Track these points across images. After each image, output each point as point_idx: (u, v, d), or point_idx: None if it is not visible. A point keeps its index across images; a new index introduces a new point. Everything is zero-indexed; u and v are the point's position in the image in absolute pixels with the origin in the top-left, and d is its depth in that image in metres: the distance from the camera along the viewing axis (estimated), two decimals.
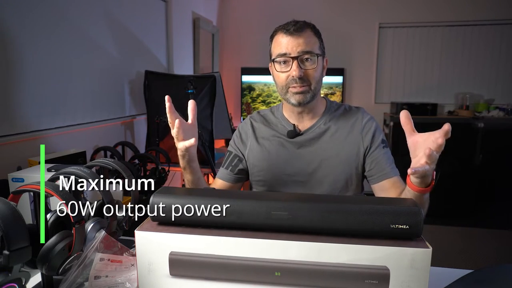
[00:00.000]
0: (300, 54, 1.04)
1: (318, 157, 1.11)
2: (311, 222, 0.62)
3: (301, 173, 1.12)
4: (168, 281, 0.65)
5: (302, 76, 1.05)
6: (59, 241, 0.69)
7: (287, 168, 1.13)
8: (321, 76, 1.10)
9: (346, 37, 4.13)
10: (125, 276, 0.74)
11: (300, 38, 1.05)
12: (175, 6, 3.04)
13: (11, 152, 1.51)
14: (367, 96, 4.22)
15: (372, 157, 1.11)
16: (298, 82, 1.05)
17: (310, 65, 1.06)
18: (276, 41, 1.09)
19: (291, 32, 1.05)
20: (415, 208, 0.61)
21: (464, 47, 3.98)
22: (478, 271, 0.78)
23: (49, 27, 1.71)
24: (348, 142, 1.11)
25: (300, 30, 1.05)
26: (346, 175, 1.10)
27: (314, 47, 1.07)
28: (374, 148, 1.11)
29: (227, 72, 4.44)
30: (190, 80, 2.37)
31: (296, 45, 1.05)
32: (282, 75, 1.08)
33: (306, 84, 1.06)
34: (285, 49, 1.05)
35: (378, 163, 1.10)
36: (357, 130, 1.12)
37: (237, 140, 1.23)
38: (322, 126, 1.14)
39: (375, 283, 0.59)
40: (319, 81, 1.09)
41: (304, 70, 1.05)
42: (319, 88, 1.11)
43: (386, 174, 1.09)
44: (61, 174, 0.81)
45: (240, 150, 1.21)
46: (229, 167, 1.21)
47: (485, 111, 3.82)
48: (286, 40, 1.06)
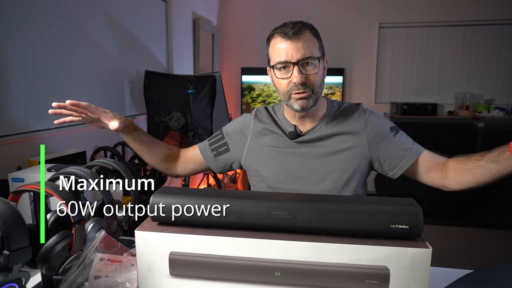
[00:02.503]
0: (301, 59, 1.01)
1: (320, 153, 1.11)
2: (311, 222, 0.62)
3: (303, 168, 1.11)
4: (168, 281, 0.65)
5: (304, 82, 1.02)
6: (59, 241, 0.69)
7: (289, 164, 1.12)
8: (322, 79, 1.08)
9: (346, 37, 4.13)
10: (125, 276, 0.74)
11: (299, 42, 1.01)
12: (175, 6, 3.04)
13: (11, 152, 1.51)
14: (367, 96, 4.22)
15: (386, 151, 1.09)
16: (300, 88, 1.03)
17: (312, 70, 1.03)
18: (274, 46, 1.05)
19: (289, 36, 1.01)
20: (415, 208, 0.61)
21: (464, 47, 3.98)
22: (478, 271, 0.78)
23: (50, 27, 1.71)
24: (351, 140, 1.10)
25: (298, 33, 1.01)
26: (349, 173, 1.09)
27: (314, 50, 1.03)
28: (386, 142, 1.09)
29: (227, 72, 4.44)
30: (190, 80, 2.37)
31: (296, 50, 1.01)
32: (283, 81, 1.05)
33: (309, 89, 1.04)
34: (285, 56, 1.02)
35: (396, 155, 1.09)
36: (360, 127, 1.11)
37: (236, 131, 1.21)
38: (323, 128, 1.12)
39: (375, 283, 0.59)
40: (320, 84, 1.07)
41: (306, 75, 1.03)
42: (321, 91, 1.08)
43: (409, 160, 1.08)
44: (61, 174, 0.81)
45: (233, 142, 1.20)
46: (214, 150, 1.21)
47: (485, 111, 3.82)
48: (285, 46, 1.02)
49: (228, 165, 1.23)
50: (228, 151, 1.20)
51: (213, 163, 1.22)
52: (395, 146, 1.09)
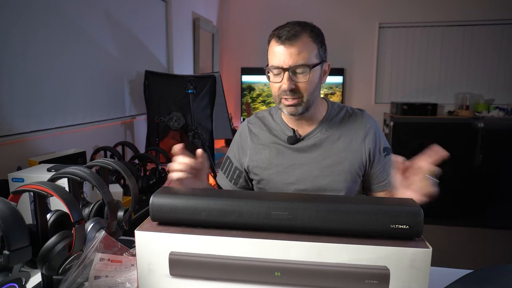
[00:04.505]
0: (292, 66, 0.98)
1: (319, 165, 1.09)
2: (311, 222, 0.62)
3: (303, 181, 1.09)
4: (168, 281, 0.65)
5: (293, 89, 0.99)
6: (59, 241, 0.69)
7: (288, 177, 1.10)
8: (316, 86, 1.04)
9: (346, 37, 4.13)
10: (125, 276, 0.74)
11: (292, 48, 0.97)
12: (175, 6, 3.04)
13: (11, 152, 1.51)
14: (367, 96, 4.22)
15: (372, 169, 1.11)
16: (289, 94, 1.00)
17: (302, 78, 0.99)
18: (270, 49, 1.03)
19: (283, 41, 0.97)
20: (415, 208, 0.61)
21: (464, 47, 3.98)
22: (478, 271, 0.78)
23: (50, 27, 1.71)
24: (351, 150, 1.09)
25: (293, 38, 0.97)
26: (348, 183, 1.08)
27: (309, 57, 0.99)
28: (376, 161, 1.11)
29: (227, 72, 4.44)
30: (190, 80, 2.37)
31: (288, 56, 0.97)
32: (275, 85, 1.03)
33: (298, 96, 1.01)
34: (278, 61, 0.99)
35: (377, 176, 1.12)
36: (359, 138, 1.10)
37: (237, 149, 1.21)
38: (323, 131, 1.10)
39: (375, 283, 0.59)
40: (313, 92, 1.03)
41: (296, 82, 1.00)
42: (313, 99, 1.05)
43: (384, 185, 1.12)
44: (61, 174, 0.81)
45: (240, 161, 1.19)
46: (232, 179, 1.20)
47: (485, 111, 3.82)
48: (279, 50, 0.99)
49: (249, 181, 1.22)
50: (242, 173, 1.20)
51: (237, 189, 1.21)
52: (382, 167, 1.11)
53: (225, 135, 2.99)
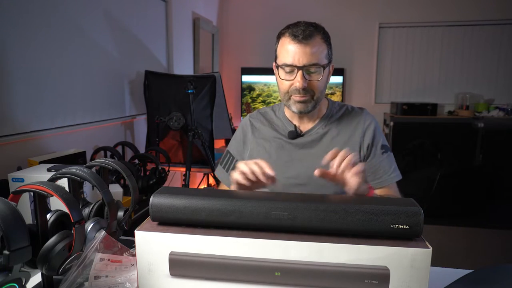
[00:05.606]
0: (306, 65, 1.01)
1: (319, 160, 1.09)
2: (311, 222, 0.62)
3: (302, 175, 1.10)
4: (168, 281, 0.65)
5: (305, 87, 1.02)
6: (59, 241, 0.69)
7: (288, 170, 1.11)
8: (325, 85, 1.08)
9: (346, 37, 4.13)
10: (125, 276, 0.74)
11: (308, 47, 1.00)
12: (175, 6, 3.04)
13: (11, 152, 1.51)
14: (367, 96, 4.22)
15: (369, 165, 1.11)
16: (301, 92, 1.03)
17: (315, 77, 1.03)
18: (283, 46, 1.04)
19: (299, 40, 1.00)
20: (415, 208, 0.61)
21: (464, 47, 3.98)
22: (478, 271, 0.78)
23: (49, 27, 1.71)
24: (350, 145, 1.10)
25: (308, 38, 1.00)
26: None
27: (321, 56, 1.02)
28: (372, 156, 1.11)
29: (227, 72, 4.44)
30: (190, 80, 2.37)
31: (303, 55, 1.00)
32: (286, 82, 1.05)
33: (309, 94, 1.04)
34: (292, 59, 1.01)
35: (373, 172, 1.12)
36: (358, 134, 1.11)
37: (239, 143, 1.22)
38: (324, 127, 1.13)
39: (375, 283, 0.59)
40: (323, 90, 1.07)
41: (309, 81, 1.02)
42: (322, 96, 1.08)
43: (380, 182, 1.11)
44: (61, 174, 0.81)
45: (241, 155, 1.20)
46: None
47: (485, 111, 3.83)
48: (293, 48, 1.01)
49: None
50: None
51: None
52: (378, 163, 1.11)
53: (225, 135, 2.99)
